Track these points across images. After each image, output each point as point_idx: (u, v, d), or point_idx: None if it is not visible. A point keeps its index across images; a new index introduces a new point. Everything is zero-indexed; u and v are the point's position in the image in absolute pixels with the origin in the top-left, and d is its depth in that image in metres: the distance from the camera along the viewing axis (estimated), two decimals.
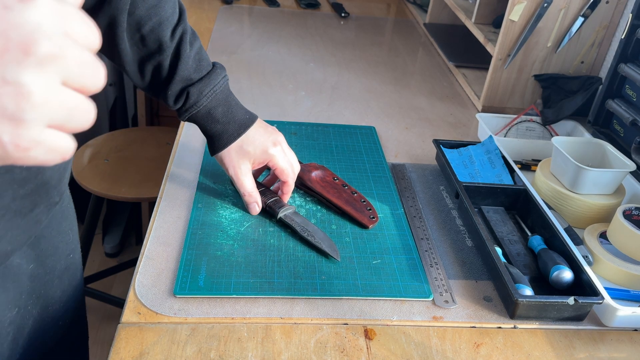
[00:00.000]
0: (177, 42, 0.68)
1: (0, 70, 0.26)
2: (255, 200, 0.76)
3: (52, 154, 0.30)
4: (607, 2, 1.08)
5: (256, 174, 0.81)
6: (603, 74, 1.15)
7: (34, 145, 0.29)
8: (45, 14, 0.27)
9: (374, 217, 0.79)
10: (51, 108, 0.29)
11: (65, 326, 0.67)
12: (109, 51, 0.66)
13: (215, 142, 0.74)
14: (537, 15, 1.09)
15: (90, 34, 0.30)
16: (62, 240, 0.63)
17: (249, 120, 0.75)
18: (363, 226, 0.78)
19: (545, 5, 1.08)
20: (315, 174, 0.84)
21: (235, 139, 0.74)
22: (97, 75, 0.31)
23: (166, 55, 0.68)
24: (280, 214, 0.75)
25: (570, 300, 0.65)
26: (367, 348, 0.61)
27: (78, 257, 0.69)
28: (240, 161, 0.74)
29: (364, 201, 0.82)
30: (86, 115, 0.31)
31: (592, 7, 1.08)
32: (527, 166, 0.99)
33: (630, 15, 0.98)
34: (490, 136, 0.96)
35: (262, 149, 0.74)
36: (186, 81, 0.70)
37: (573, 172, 0.83)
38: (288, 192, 0.79)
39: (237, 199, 0.81)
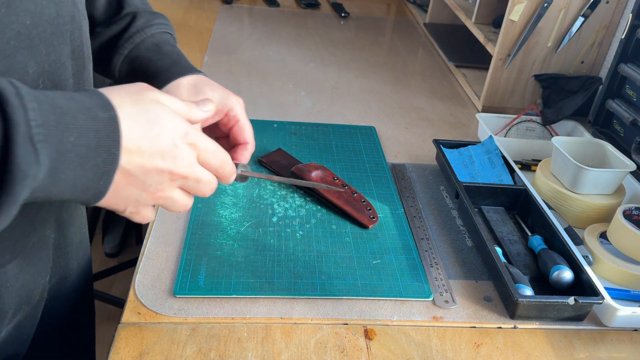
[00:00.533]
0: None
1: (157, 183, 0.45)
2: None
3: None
4: (607, 2, 1.08)
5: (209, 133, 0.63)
6: (603, 74, 1.15)
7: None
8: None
9: (374, 217, 0.79)
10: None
11: (77, 299, 0.68)
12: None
13: (162, 75, 0.61)
14: (537, 15, 1.09)
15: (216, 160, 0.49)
16: (78, 213, 0.65)
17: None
18: (363, 226, 0.78)
19: (546, 5, 1.08)
20: (315, 174, 0.84)
21: (188, 73, 0.61)
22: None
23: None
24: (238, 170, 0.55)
25: (571, 300, 0.65)
26: (367, 348, 0.61)
27: (87, 234, 0.69)
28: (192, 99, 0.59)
29: (364, 201, 0.82)
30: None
31: (592, 7, 1.08)
32: (527, 166, 0.99)
33: (631, 15, 0.98)
34: (491, 136, 0.96)
35: (222, 94, 0.59)
36: (136, 10, 0.66)
37: (573, 172, 0.83)
38: (247, 159, 0.61)
39: (237, 199, 0.81)
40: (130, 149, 0.41)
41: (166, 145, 0.43)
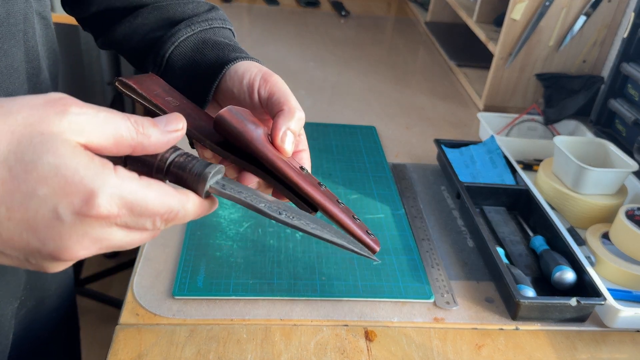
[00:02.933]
0: None
1: (28, 257, 0.30)
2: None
3: None
4: (609, 1, 1.08)
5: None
6: (605, 73, 1.14)
7: None
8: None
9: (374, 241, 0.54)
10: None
11: (59, 318, 0.66)
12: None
13: (229, 57, 0.49)
14: (538, 14, 1.08)
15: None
16: None
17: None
18: (371, 249, 0.51)
19: (547, 3, 1.07)
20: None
21: (258, 61, 0.49)
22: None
23: None
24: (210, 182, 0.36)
25: (573, 301, 0.65)
26: (368, 350, 0.61)
27: None
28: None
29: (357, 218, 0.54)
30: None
31: (594, 5, 1.08)
32: (529, 166, 0.99)
33: (633, 14, 0.97)
34: (492, 136, 0.96)
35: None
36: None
37: (575, 172, 0.82)
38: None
39: None
40: None
41: (41, 218, 0.28)
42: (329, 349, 0.60)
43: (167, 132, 0.33)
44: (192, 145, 0.47)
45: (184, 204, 0.33)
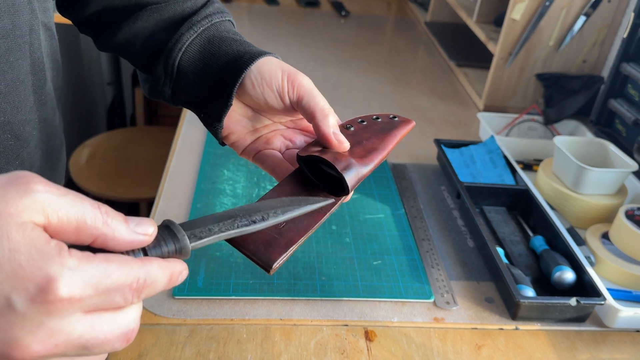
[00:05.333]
0: None
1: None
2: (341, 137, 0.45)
3: None
4: (609, 1, 1.08)
5: None
6: (605, 73, 1.14)
7: None
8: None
9: (396, 117, 0.53)
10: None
11: None
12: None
13: (244, 56, 0.48)
14: (538, 14, 1.08)
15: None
16: None
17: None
18: (408, 121, 0.53)
19: (547, 3, 1.07)
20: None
21: (270, 54, 0.50)
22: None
23: None
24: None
25: (572, 301, 0.65)
26: (368, 350, 0.61)
27: None
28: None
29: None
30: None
31: (594, 5, 1.08)
32: (529, 166, 0.99)
33: (632, 14, 0.97)
34: (492, 136, 0.96)
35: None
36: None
37: (575, 172, 0.82)
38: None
39: (236, 200, 0.81)
40: None
41: None
42: (329, 349, 0.60)
43: (135, 233, 0.30)
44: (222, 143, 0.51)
45: (148, 268, 0.30)
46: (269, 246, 0.39)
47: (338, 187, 0.44)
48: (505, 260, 0.73)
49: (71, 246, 0.29)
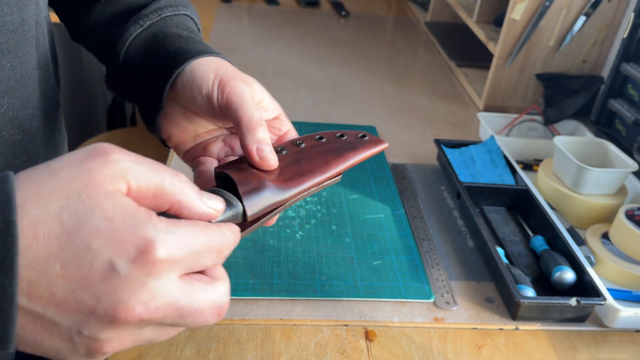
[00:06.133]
0: None
1: (80, 326, 0.28)
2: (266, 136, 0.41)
3: None
4: (609, 1, 1.08)
5: None
6: (605, 73, 1.14)
7: None
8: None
9: (364, 137, 0.46)
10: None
11: None
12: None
13: (181, 55, 0.45)
14: (538, 14, 1.08)
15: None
16: None
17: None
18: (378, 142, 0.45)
19: (547, 3, 1.07)
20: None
21: (211, 54, 0.45)
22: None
23: None
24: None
25: (573, 301, 0.65)
26: (368, 350, 0.61)
27: None
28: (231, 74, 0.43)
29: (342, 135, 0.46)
30: None
31: (594, 5, 1.08)
32: (529, 166, 0.99)
33: (632, 14, 0.97)
34: (492, 136, 0.96)
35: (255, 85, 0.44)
36: None
37: (575, 172, 0.82)
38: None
39: None
40: (33, 281, 0.27)
41: (96, 271, 0.27)
42: (329, 349, 0.60)
43: (206, 206, 0.31)
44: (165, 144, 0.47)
45: (223, 230, 0.32)
46: None
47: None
48: (505, 260, 0.73)
49: None
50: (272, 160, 0.39)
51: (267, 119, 0.45)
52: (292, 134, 0.45)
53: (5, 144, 0.44)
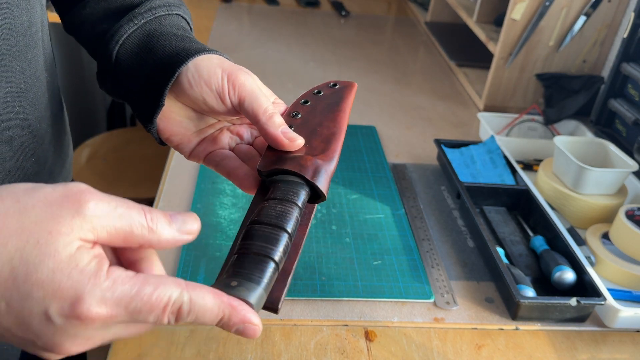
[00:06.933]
0: None
1: (28, 345, 0.31)
2: (281, 120, 0.43)
3: None
4: (609, 1, 1.08)
5: None
6: (605, 73, 1.14)
7: None
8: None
9: (336, 85, 0.50)
10: None
11: None
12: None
13: (180, 53, 0.45)
14: (538, 14, 1.08)
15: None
16: None
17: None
18: (349, 85, 0.50)
19: (547, 3, 1.07)
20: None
21: (210, 52, 0.45)
22: None
23: None
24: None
25: (573, 301, 0.65)
26: (368, 350, 0.61)
27: None
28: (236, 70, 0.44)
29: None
30: None
31: (594, 5, 1.08)
32: (529, 166, 0.99)
33: (633, 14, 0.97)
34: (492, 136, 0.95)
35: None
36: None
37: (575, 172, 0.82)
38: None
39: (236, 199, 0.81)
40: None
41: (35, 317, 0.29)
42: (329, 349, 0.60)
43: (179, 234, 0.32)
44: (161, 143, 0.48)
45: (192, 294, 0.31)
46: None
47: (312, 192, 0.41)
48: (505, 260, 0.73)
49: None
50: (299, 139, 0.42)
51: None
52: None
53: (16, 147, 0.44)
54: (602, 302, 0.65)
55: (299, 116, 0.45)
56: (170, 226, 0.32)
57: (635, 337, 0.67)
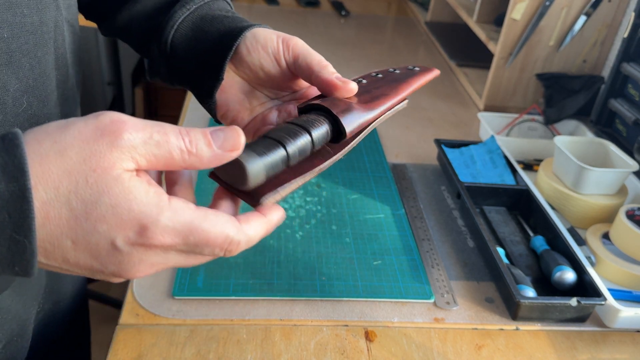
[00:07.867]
0: None
1: (94, 273, 0.33)
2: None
3: None
4: (609, 1, 1.08)
5: None
6: (605, 73, 1.14)
7: None
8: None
9: (416, 68, 0.54)
10: None
11: (71, 322, 0.66)
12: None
13: (234, 30, 0.48)
14: (539, 14, 1.08)
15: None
16: None
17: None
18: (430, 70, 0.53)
19: (547, 3, 1.07)
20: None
21: (262, 26, 0.49)
22: None
23: None
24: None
25: (573, 301, 0.65)
26: (368, 350, 0.61)
27: None
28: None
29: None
30: None
31: (595, 5, 1.08)
32: (529, 166, 0.98)
33: (633, 14, 0.97)
34: (492, 136, 0.95)
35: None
36: None
37: (575, 172, 0.82)
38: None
39: None
40: (48, 250, 0.31)
41: (102, 249, 0.31)
42: (329, 349, 0.60)
43: (223, 151, 0.33)
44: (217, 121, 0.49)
45: (246, 231, 0.34)
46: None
47: (337, 130, 0.41)
48: (505, 260, 0.73)
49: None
50: (352, 84, 0.44)
51: None
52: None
53: None
54: (603, 302, 0.65)
55: (364, 82, 0.47)
56: (210, 146, 0.32)
57: (635, 337, 0.67)
